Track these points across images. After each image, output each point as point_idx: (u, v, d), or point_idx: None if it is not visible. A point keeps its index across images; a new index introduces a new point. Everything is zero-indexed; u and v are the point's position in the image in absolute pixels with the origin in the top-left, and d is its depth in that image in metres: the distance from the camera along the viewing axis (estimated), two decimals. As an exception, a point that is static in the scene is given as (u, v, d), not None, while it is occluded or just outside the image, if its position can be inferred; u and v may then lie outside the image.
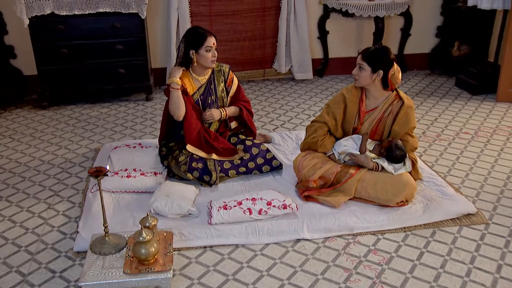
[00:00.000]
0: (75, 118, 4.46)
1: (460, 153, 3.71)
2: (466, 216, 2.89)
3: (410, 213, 2.85)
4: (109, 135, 4.08)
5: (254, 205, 2.78)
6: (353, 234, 2.72)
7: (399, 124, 2.99)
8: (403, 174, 2.93)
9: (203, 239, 2.64)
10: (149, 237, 2.24)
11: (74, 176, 3.39)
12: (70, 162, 3.59)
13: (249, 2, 5.28)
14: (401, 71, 5.56)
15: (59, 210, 2.97)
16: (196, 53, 3.20)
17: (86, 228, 2.67)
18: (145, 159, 3.39)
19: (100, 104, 4.81)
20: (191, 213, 2.82)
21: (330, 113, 3.11)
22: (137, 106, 4.78)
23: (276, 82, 5.52)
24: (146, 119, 4.46)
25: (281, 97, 5.04)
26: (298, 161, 3.09)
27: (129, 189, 3.08)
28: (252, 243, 2.64)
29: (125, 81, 4.76)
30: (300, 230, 2.69)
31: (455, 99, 4.91)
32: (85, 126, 4.28)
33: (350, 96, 3.06)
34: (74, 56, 4.55)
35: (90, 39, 4.54)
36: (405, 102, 2.99)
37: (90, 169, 2.31)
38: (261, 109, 4.68)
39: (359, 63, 2.96)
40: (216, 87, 3.37)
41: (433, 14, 5.69)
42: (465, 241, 2.68)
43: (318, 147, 3.09)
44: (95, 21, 4.48)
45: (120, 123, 4.36)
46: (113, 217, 2.81)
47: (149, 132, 4.14)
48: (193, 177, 3.15)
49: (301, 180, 3.05)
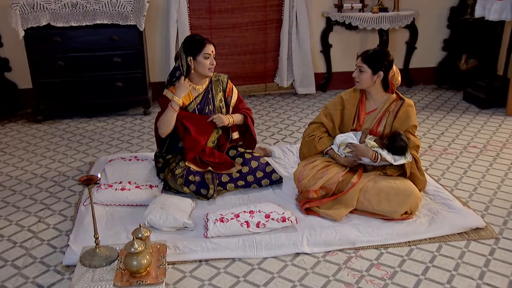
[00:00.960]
0: (70, 132, 4.48)
1: (468, 167, 3.69)
2: (474, 231, 2.85)
3: (415, 226, 2.82)
4: (105, 149, 4.10)
5: (252, 218, 2.76)
6: (355, 248, 2.69)
7: (399, 121, 3.04)
8: (406, 183, 2.92)
9: (198, 252, 2.62)
10: (141, 248, 2.22)
11: (67, 190, 3.39)
12: (64, 176, 3.59)
13: (250, 15, 5.34)
14: (407, 85, 5.73)
15: (50, 224, 2.96)
16: (194, 60, 3.22)
17: (77, 241, 2.66)
18: (140, 171, 3.39)
19: (96, 118, 4.83)
20: (187, 226, 2.80)
21: (328, 114, 3.17)
22: (135, 121, 4.80)
23: (277, 97, 5.54)
24: (144, 133, 4.48)
25: (283, 111, 5.05)
26: (298, 172, 3.09)
27: (123, 202, 3.08)
28: (250, 257, 2.61)
29: (123, 95, 4.80)
30: (299, 244, 2.66)
31: (463, 113, 4.90)
32: (80, 140, 4.29)
33: (348, 98, 3.13)
34: (71, 69, 4.59)
35: (87, 52, 4.59)
36: (406, 100, 3.08)
37: (81, 177, 2.30)
38: (262, 123, 4.69)
39: (358, 65, 3.03)
40: (214, 96, 3.38)
41: (439, 27, 5.73)
42: (474, 256, 2.64)
43: (316, 143, 3.13)
44: (92, 33, 4.54)
45: (117, 137, 4.37)
46: (106, 230, 2.79)
47: (146, 146, 4.15)
48: (189, 190, 3.14)
49: (301, 190, 3.04)
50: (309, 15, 5.33)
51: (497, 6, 4.66)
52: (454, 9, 5.64)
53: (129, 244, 2.23)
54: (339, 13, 5.31)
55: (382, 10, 5.27)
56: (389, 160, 2.95)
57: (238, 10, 5.29)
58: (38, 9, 4.36)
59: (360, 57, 3.04)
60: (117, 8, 4.47)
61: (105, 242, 2.61)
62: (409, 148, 2.99)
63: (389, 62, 3.01)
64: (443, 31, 5.75)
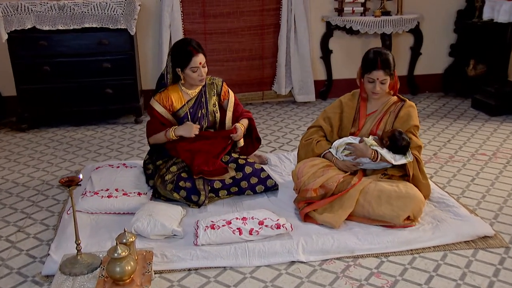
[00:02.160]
0: (56, 141, 4.48)
1: (476, 175, 3.68)
2: (482, 239, 2.83)
3: (418, 234, 2.80)
4: (93, 157, 4.09)
5: (245, 224, 2.74)
6: (353, 257, 2.67)
7: (400, 122, 3.08)
8: (409, 187, 2.92)
9: (187, 261, 2.59)
10: (125, 254, 2.20)
11: (51, 198, 3.38)
12: (48, 184, 3.59)
13: (247, 20, 5.38)
14: (412, 93, 5.75)
15: (30, 233, 2.94)
16: (182, 72, 3.24)
17: (58, 251, 2.63)
18: (129, 179, 3.38)
19: (85, 127, 4.84)
20: (176, 234, 2.79)
21: (326, 118, 3.23)
22: (125, 129, 4.80)
23: (275, 105, 5.55)
24: (134, 141, 4.48)
25: (281, 119, 5.06)
26: (298, 168, 3.11)
27: (110, 210, 3.06)
28: (241, 265, 2.59)
29: (113, 102, 4.82)
30: (294, 252, 2.64)
31: (471, 121, 4.90)
32: (67, 149, 4.30)
33: (347, 101, 3.20)
34: (57, 74, 4.61)
35: (75, 57, 4.62)
36: (407, 101, 3.15)
37: (62, 179, 2.29)
38: (259, 131, 4.64)
39: (383, 79, 3.02)
40: (207, 100, 3.39)
41: (445, 31, 5.76)
42: (481, 265, 2.61)
43: (313, 147, 3.16)
44: (80, 37, 4.58)
45: (106, 145, 4.37)
46: (90, 238, 2.77)
47: (136, 155, 4.15)
48: (179, 196, 3.13)
49: (299, 189, 3.04)
50: (308, 20, 5.37)
51: (506, 7, 4.66)
52: (461, 13, 5.67)
53: (112, 249, 2.21)
54: (339, 17, 5.34)
55: (385, 13, 5.30)
56: (388, 159, 2.95)
57: (233, 14, 5.33)
58: (23, 11, 4.39)
59: (382, 71, 3.01)
60: (106, 11, 4.51)
61: (88, 250, 2.60)
62: (410, 147, 3.00)
63: (394, 62, 3.09)
64: (449, 35, 5.78)
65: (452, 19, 5.73)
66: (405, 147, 2.98)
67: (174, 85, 3.34)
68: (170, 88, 3.33)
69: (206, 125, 3.38)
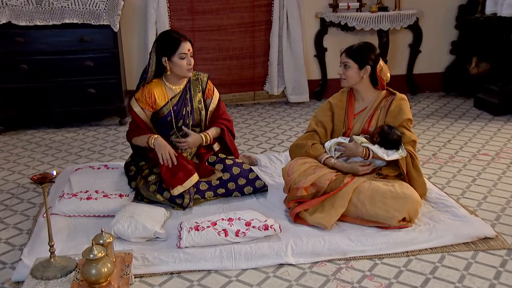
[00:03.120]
0: (34, 143, 4.47)
1: (477, 175, 3.68)
2: (483, 240, 2.82)
3: (414, 235, 2.79)
4: (73, 160, 4.08)
5: (231, 225, 2.73)
6: (345, 259, 2.66)
7: (392, 116, 3.09)
8: (405, 187, 2.92)
9: (169, 264, 2.58)
10: (101, 255, 2.18)
11: (26, 202, 3.36)
12: (23, 188, 3.57)
13: (237, 16, 5.39)
14: (411, 93, 5.74)
15: (1, 238, 2.91)
16: (169, 61, 3.23)
17: (31, 255, 2.60)
18: (110, 180, 3.36)
19: (66, 129, 4.83)
20: (158, 237, 2.77)
21: (318, 122, 3.23)
22: (108, 131, 4.79)
23: (268, 106, 5.56)
24: (118, 143, 4.47)
25: (273, 120, 5.06)
26: (289, 165, 3.12)
27: (89, 212, 3.05)
28: (227, 268, 2.58)
29: (95, 103, 4.81)
30: (283, 254, 2.63)
31: (473, 120, 4.91)
32: (46, 151, 4.28)
33: (336, 102, 3.21)
34: (36, 73, 4.60)
35: (55, 54, 4.61)
36: (397, 94, 3.16)
37: (33, 175, 2.28)
38: (249, 133, 4.69)
39: (343, 61, 3.11)
40: (192, 97, 3.38)
41: (446, 27, 5.78)
42: (482, 267, 2.60)
43: (308, 149, 3.15)
44: (60, 33, 4.57)
45: (87, 148, 4.36)
46: (67, 241, 2.75)
47: (120, 157, 4.14)
48: (163, 198, 3.12)
49: (290, 187, 3.04)
50: (301, 16, 5.39)
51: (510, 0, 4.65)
52: (463, 8, 5.68)
53: (88, 250, 2.19)
54: (334, 13, 5.36)
55: (382, 9, 5.33)
56: (380, 155, 2.96)
57: (223, 10, 5.34)
58: (-4, 5, 4.38)
59: (344, 53, 3.13)
60: (88, 6, 4.51)
61: (64, 254, 2.57)
62: (404, 142, 3.01)
63: (376, 56, 3.11)
64: (450, 32, 5.80)
65: (453, 14, 5.75)
66: (396, 141, 2.99)
67: (157, 79, 3.33)
68: (153, 83, 3.31)
69: (191, 123, 3.36)
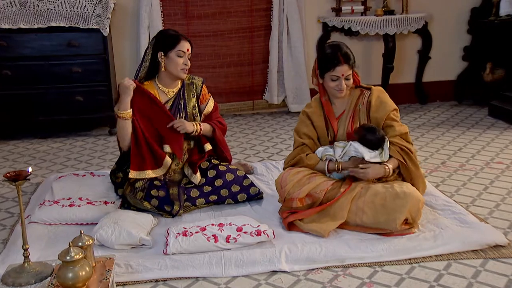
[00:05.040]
0: (17, 153, 4.51)
1: (490, 183, 3.68)
2: (494, 248, 2.81)
3: (418, 241, 2.79)
4: (58, 170, 4.11)
5: (221, 231, 2.74)
6: (343, 266, 2.65)
7: (375, 109, 3.11)
8: (404, 185, 2.92)
9: (155, 271, 2.58)
10: (79, 257, 2.19)
11: (4, 212, 3.38)
12: (2, 197, 3.59)
13: (234, 21, 5.46)
14: (421, 102, 5.77)
15: (-25, 248, 2.93)
16: (165, 56, 3.27)
17: (5, 263, 2.60)
18: (95, 187, 3.40)
19: (52, 139, 4.88)
20: (144, 243, 2.78)
21: (303, 135, 3.23)
22: (97, 141, 4.83)
23: (267, 116, 5.60)
24: (106, 153, 4.51)
25: (272, 130, 5.10)
26: (282, 176, 3.12)
27: (71, 220, 3.06)
28: (216, 275, 2.58)
29: (84, 111, 4.87)
30: (276, 261, 2.63)
31: (487, 129, 4.93)
32: (29, 161, 4.32)
33: (312, 110, 3.22)
34: (20, 79, 4.66)
35: (40, 60, 4.68)
36: (373, 88, 3.19)
37: (7, 173, 2.30)
38: (246, 142, 4.73)
39: (348, 74, 3.07)
40: (186, 102, 3.42)
41: (458, 32, 5.83)
42: (492, 275, 2.59)
43: (304, 159, 3.15)
44: (46, 37, 4.64)
45: (74, 158, 4.40)
46: (45, 249, 2.77)
47: (108, 166, 4.16)
48: (150, 205, 3.14)
49: (284, 198, 3.04)
50: (302, 21, 5.46)
51: (527, 0, 4.71)
52: (476, 10, 5.73)
53: (65, 252, 2.19)
54: (337, 17, 5.42)
55: (388, 12, 5.38)
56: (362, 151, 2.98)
57: (220, 15, 5.42)
58: (-24, 6, 4.44)
59: (346, 65, 3.05)
60: (76, 8, 4.58)
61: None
62: (393, 135, 3.05)
63: None
64: (462, 36, 5.84)
65: (465, 17, 5.79)
66: (378, 140, 2.99)
67: (149, 82, 3.37)
68: (146, 85, 3.34)
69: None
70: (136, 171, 3.17)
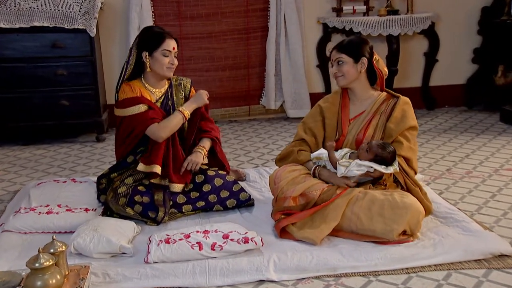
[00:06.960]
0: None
1: (497, 191, 3.66)
2: (498, 258, 2.79)
3: (416, 250, 2.77)
4: (39, 177, 4.10)
5: (206, 238, 2.73)
6: (335, 276, 2.64)
7: (394, 121, 3.09)
8: (405, 196, 2.91)
9: (134, 280, 2.57)
10: (49, 263, 2.18)
11: (-22, 221, 3.37)
12: (-24, 207, 3.59)
13: (229, 22, 5.49)
14: (428, 108, 5.75)
15: None
16: (150, 56, 3.28)
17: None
18: (76, 194, 3.41)
19: (35, 146, 4.88)
20: (125, 252, 2.76)
21: (307, 129, 3.25)
22: (84, 148, 4.84)
23: (264, 122, 5.60)
24: (92, 160, 4.51)
25: (268, 136, 5.11)
26: (275, 173, 3.14)
27: (48, 228, 3.05)
28: (199, 285, 2.57)
29: (69, 116, 4.88)
30: (264, 269, 2.61)
31: (498, 135, 4.91)
32: (8, 168, 4.32)
33: (328, 105, 3.22)
34: (1, 82, 4.68)
35: (22, 62, 4.69)
36: (401, 97, 3.16)
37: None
38: (240, 148, 4.73)
39: (336, 58, 3.14)
40: (174, 103, 3.43)
41: (467, 33, 5.82)
42: (495, 286, 2.56)
43: (295, 155, 3.19)
44: (28, 38, 4.65)
45: (57, 165, 4.39)
46: (18, 259, 2.73)
47: (93, 173, 4.15)
48: (134, 212, 3.14)
49: (277, 197, 3.05)
50: (301, 21, 5.48)
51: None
52: (487, 10, 5.73)
53: (33, 259, 2.18)
54: (338, 18, 5.43)
55: (392, 12, 5.38)
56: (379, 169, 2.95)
57: (214, 15, 5.45)
58: (-48, 4, 4.46)
59: (335, 49, 3.16)
60: (60, 7, 4.60)
61: (13, 271, 2.57)
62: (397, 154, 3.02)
63: (370, 48, 3.18)
64: (472, 38, 5.83)
65: (475, 18, 5.79)
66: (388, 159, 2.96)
67: (136, 80, 3.38)
68: (133, 83, 3.35)
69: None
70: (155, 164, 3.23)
